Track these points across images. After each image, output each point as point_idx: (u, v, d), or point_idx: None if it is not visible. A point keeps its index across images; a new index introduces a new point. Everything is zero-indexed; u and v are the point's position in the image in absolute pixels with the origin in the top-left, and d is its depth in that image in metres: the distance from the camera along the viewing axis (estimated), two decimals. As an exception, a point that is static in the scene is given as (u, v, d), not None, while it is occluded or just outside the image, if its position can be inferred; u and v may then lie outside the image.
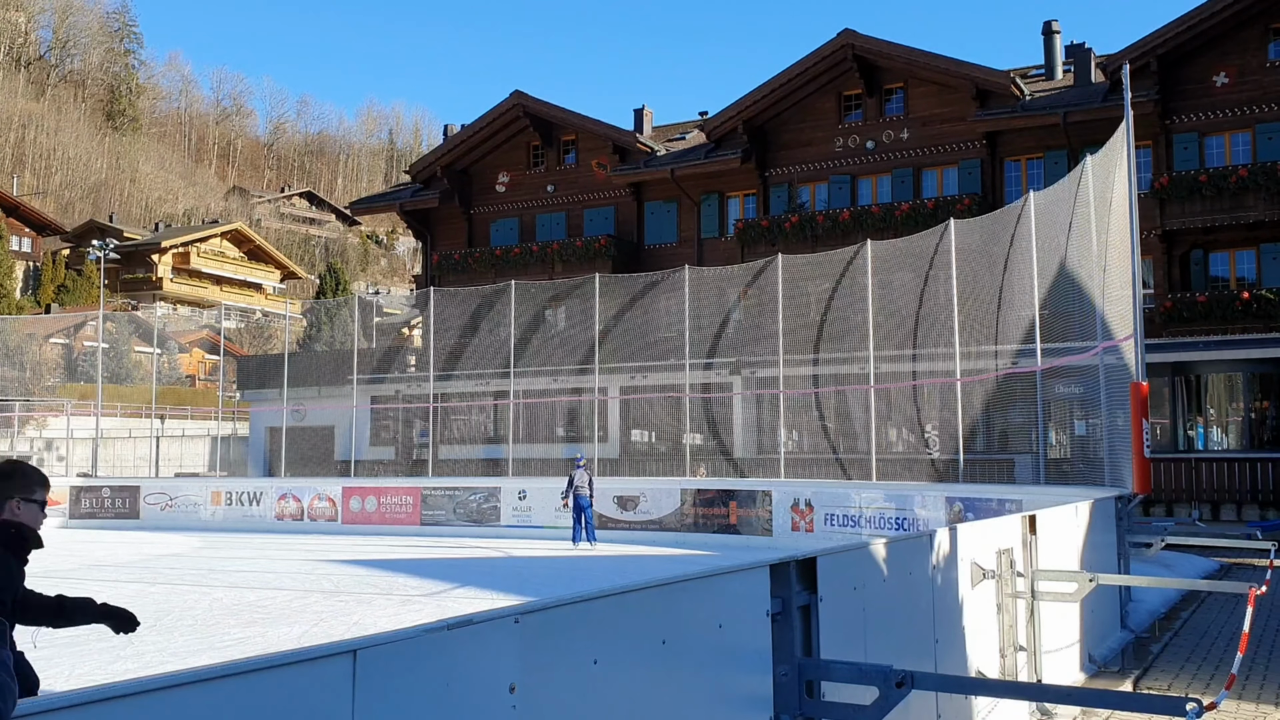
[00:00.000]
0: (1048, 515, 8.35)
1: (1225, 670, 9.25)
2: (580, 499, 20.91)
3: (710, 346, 28.97)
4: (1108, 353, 13.67)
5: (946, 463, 21.43)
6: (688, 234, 34.10)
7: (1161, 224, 26.04)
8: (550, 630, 2.81)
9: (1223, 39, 26.68)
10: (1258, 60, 26.47)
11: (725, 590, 3.81)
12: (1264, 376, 25.96)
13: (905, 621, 5.57)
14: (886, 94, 31.50)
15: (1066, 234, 15.91)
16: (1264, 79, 26.31)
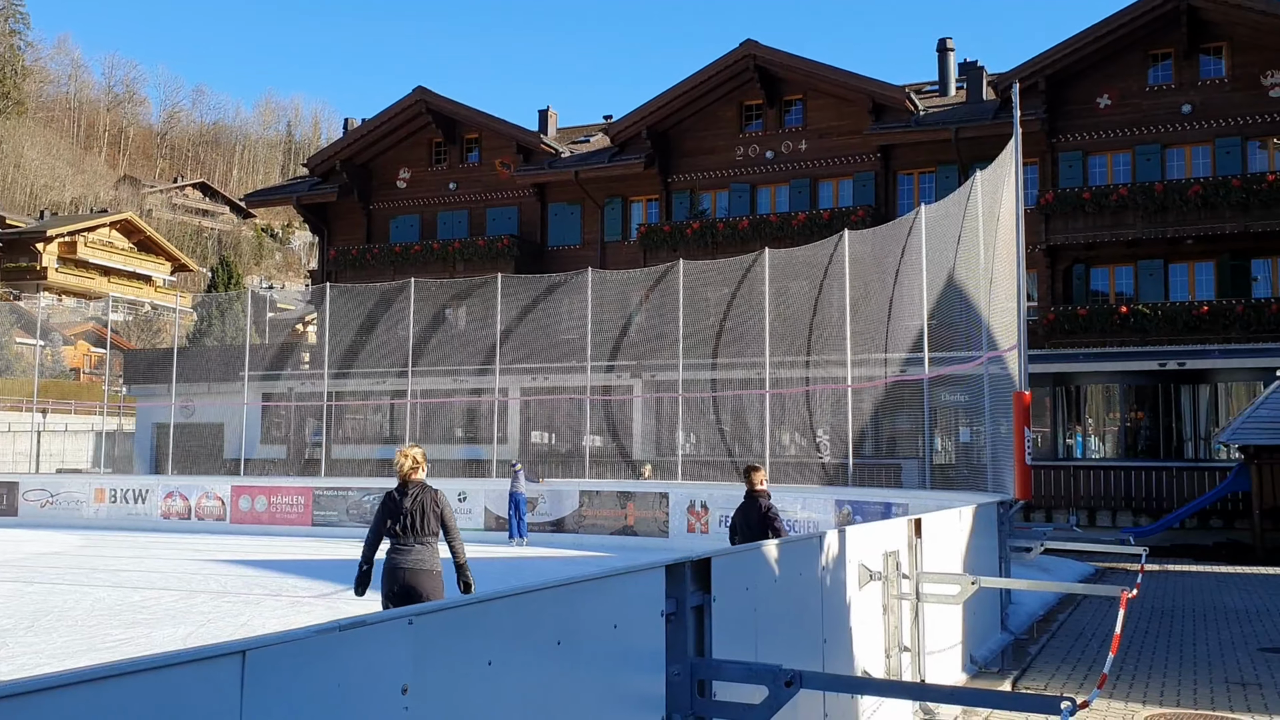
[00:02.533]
0: (933, 519, 8.58)
1: (1098, 670, 9.63)
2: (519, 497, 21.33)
3: (612, 349, 29.06)
4: (992, 362, 14.10)
5: (837, 466, 21.87)
6: (591, 236, 34.13)
7: (1046, 239, 26.99)
8: (444, 631, 2.82)
9: (1106, 62, 27.78)
10: (1138, 84, 27.63)
11: (621, 591, 3.85)
12: (1139, 388, 27.10)
13: (795, 621, 5.68)
14: (786, 105, 32.01)
15: (955, 247, 16.36)
16: (1143, 102, 27.48)
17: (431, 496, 7.70)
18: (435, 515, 7.66)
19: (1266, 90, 26.34)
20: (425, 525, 7.61)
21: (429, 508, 7.63)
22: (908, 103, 29.59)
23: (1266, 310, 24.81)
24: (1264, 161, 26.46)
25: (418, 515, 7.59)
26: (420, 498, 7.64)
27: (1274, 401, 21.10)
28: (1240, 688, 9.17)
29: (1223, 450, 24.98)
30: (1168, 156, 27.26)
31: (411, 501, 7.61)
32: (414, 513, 7.59)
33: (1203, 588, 16.34)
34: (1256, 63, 26.53)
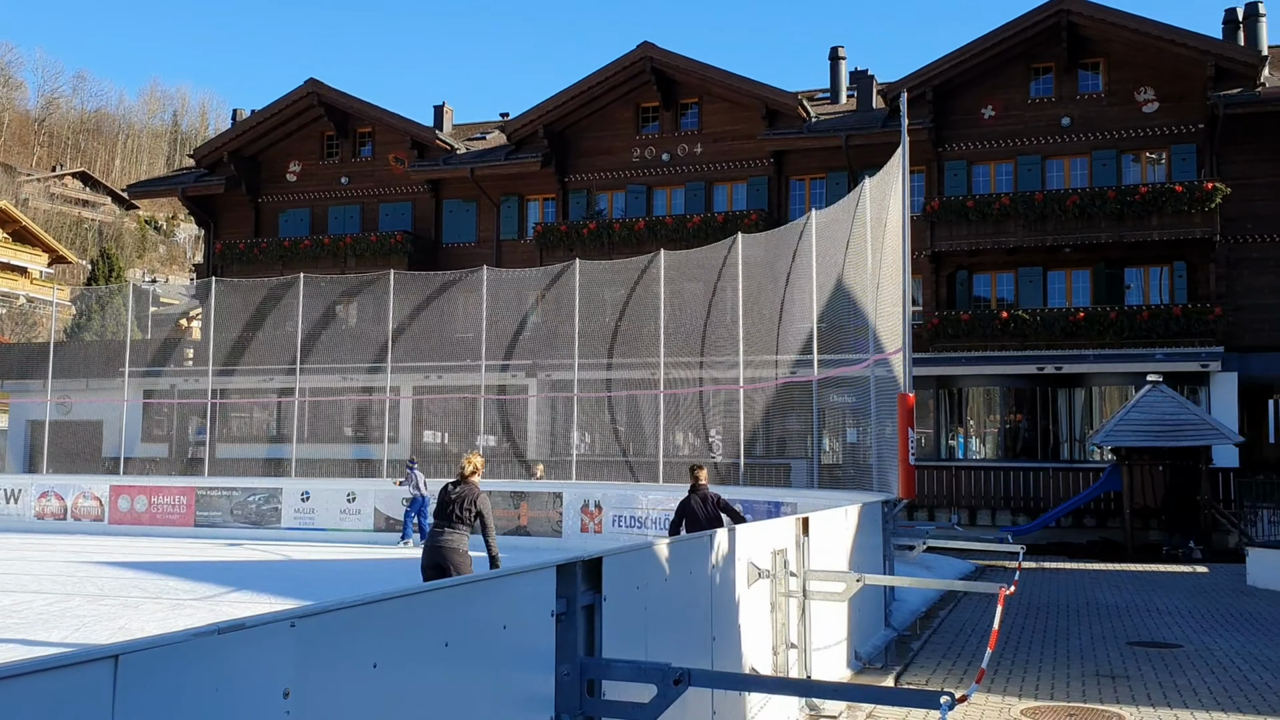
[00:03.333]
0: (820, 518, 8.75)
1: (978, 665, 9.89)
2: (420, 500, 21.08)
3: (507, 348, 28.90)
4: (879, 365, 14.41)
5: (728, 466, 22.12)
6: (487, 234, 33.88)
7: (931, 245, 27.73)
8: (328, 634, 2.79)
9: (991, 75, 28.67)
10: (1020, 96, 28.59)
11: (511, 591, 3.85)
12: (1018, 391, 28.06)
13: (685, 620, 5.73)
14: (682, 108, 32.25)
15: (844, 252, 16.68)
16: (1025, 114, 28.44)
17: (475, 495, 9.61)
18: (472, 510, 9.55)
19: (1140, 106, 27.51)
20: (463, 514, 9.52)
21: (469, 503, 9.55)
22: (800, 109, 30.09)
23: (1138, 317, 25.92)
24: (1137, 174, 27.63)
25: (458, 505, 9.53)
26: (466, 493, 9.58)
27: (1145, 405, 22.04)
28: (1110, 680, 9.57)
29: (1096, 452, 26.01)
30: (1048, 167, 28.28)
31: (458, 494, 9.57)
32: (456, 503, 9.54)
33: (1076, 584, 16.98)
34: (1131, 79, 27.69)
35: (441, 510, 9.63)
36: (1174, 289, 27.03)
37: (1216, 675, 9.74)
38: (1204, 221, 25.62)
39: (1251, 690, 9.12)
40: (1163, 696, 8.90)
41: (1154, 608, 14.18)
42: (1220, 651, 10.90)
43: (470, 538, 9.65)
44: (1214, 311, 25.40)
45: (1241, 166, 26.44)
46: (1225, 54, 26.43)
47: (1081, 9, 27.05)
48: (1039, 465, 26.12)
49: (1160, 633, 12.15)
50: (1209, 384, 25.81)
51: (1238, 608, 14.20)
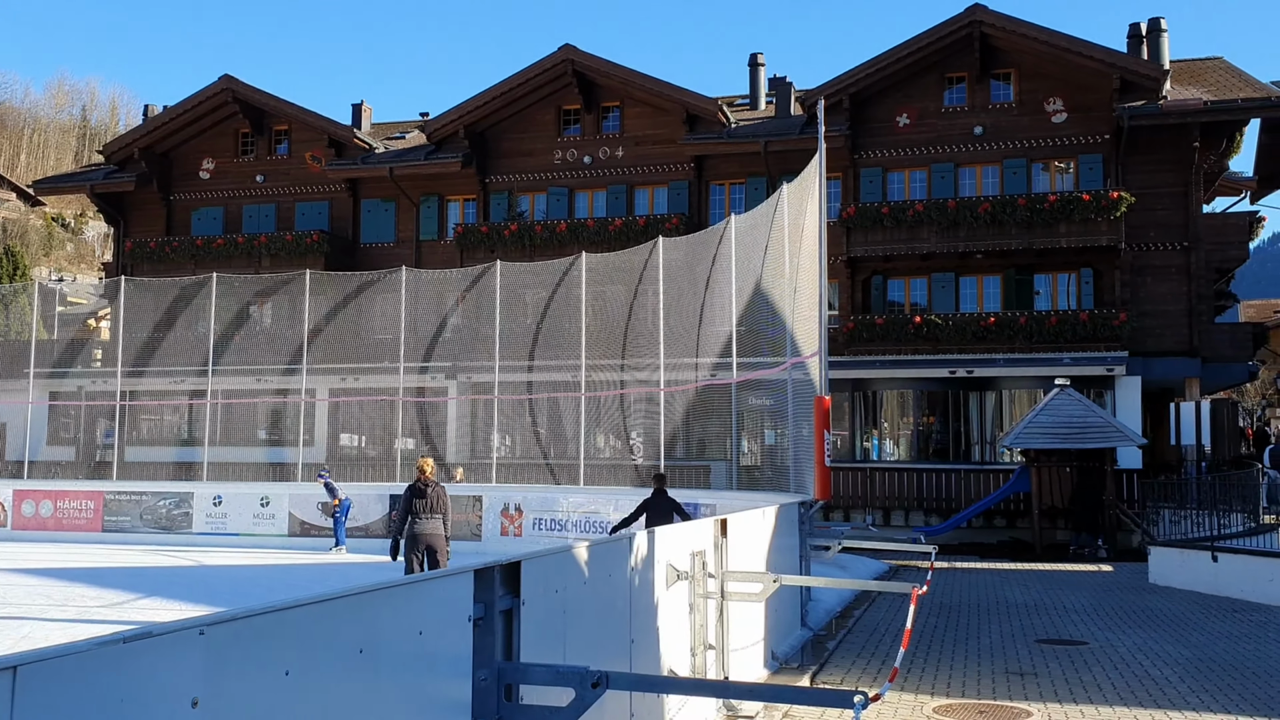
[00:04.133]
0: (738, 519, 8.83)
1: (891, 663, 10.09)
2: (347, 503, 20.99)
3: (426, 350, 28.61)
4: (796, 368, 14.59)
5: (649, 468, 22.20)
6: (406, 235, 33.53)
7: (848, 251, 28.14)
8: (239, 642, 2.75)
9: (906, 83, 29.21)
10: (935, 105, 29.18)
11: (427, 597, 3.83)
12: (931, 394, 28.63)
13: (604, 623, 5.75)
14: (604, 111, 32.28)
15: (763, 256, 16.86)
16: (939, 123, 29.03)
17: (443, 490, 12.59)
18: (444, 502, 12.49)
19: (1049, 116, 28.26)
20: (439, 506, 12.42)
21: (441, 496, 12.48)
22: (720, 115, 30.33)
23: (1046, 322, 26.62)
24: (1046, 183, 28.38)
25: (435, 500, 12.37)
26: (437, 489, 12.48)
27: (1053, 408, 22.64)
28: (1019, 677, 9.81)
29: (1006, 454, 26.64)
30: (960, 175, 28.91)
31: (432, 491, 12.38)
32: (433, 499, 12.35)
33: (987, 583, 17.37)
34: (1041, 90, 28.44)
35: (426, 505, 12.32)
36: (1081, 295, 27.82)
37: (1120, 671, 10.04)
38: (1110, 230, 26.42)
39: (1153, 685, 9.43)
40: (1069, 693, 9.16)
41: (1061, 606, 14.57)
42: (1124, 648, 11.24)
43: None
44: (1119, 317, 26.19)
45: (1145, 176, 27.32)
46: (1130, 67, 27.29)
47: (993, 20, 27.71)
48: (951, 467, 26.68)
49: (1067, 630, 12.49)
50: (1114, 388, 26.61)
51: (1140, 605, 14.66)
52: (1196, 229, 27.20)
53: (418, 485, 12.39)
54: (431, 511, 12.32)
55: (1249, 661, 10.51)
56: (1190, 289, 27.06)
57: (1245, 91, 27.72)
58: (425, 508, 12.29)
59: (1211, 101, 26.87)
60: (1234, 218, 29.64)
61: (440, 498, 12.40)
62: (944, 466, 26.71)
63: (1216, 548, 15.95)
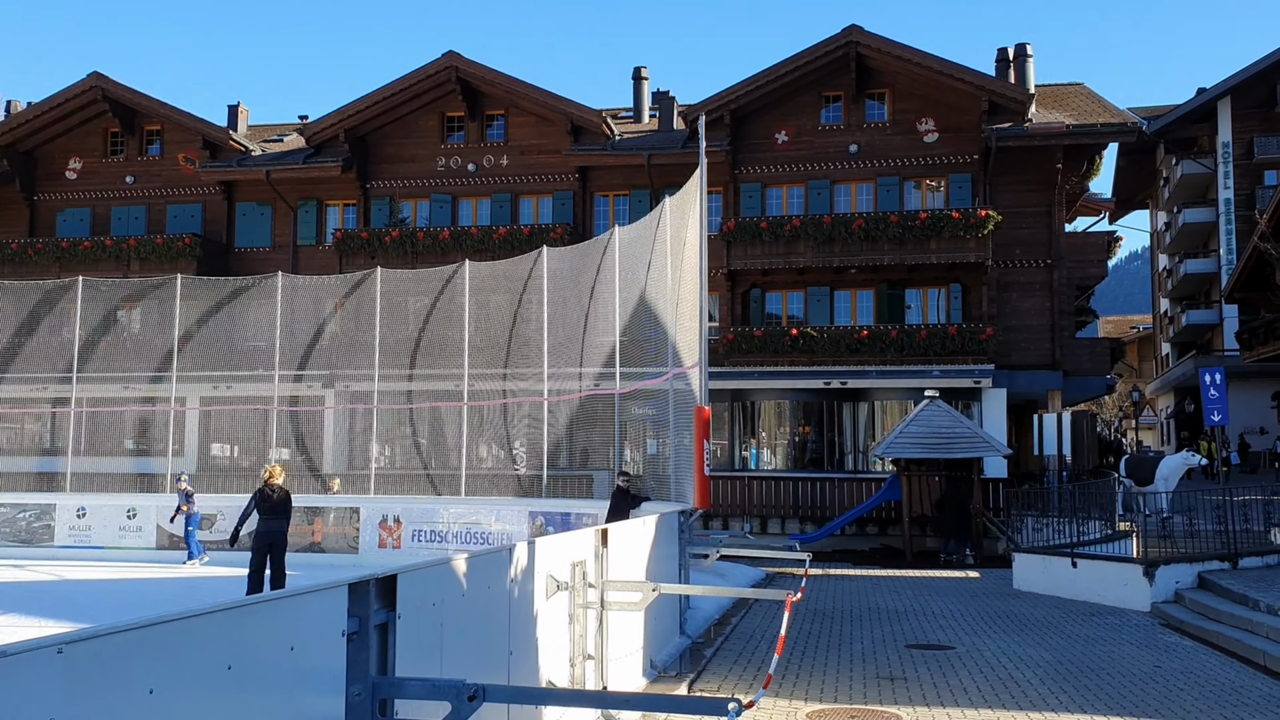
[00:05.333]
0: (619, 529, 8.90)
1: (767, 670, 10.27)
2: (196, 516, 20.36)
3: (302, 358, 27.93)
4: (677, 379, 14.75)
5: (532, 478, 22.14)
6: (283, 239, 32.79)
7: (728, 264, 28.60)
8: (100, 660, 2.68)
9: (784, 101, 29.85)
10: (812, 123, 29.89)
11: (299, 611, 3.77)
12: (807, 405, 29.26)
13: (482, 635, 5.73)
14: (489, 119, 32.14)
15: (646, 268, 17.01)
16: (816, 140, 29.75)
17: (286, 494, 14.36)
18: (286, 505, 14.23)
19: (921, 136, 29.22)
20: (280, 509, 14.08)
21: (284, 500, 14.20)
22: (605, 126, 30.50)
23: (917, 335, 27.47)
24: (918, 201, 29.33)
25: (277, 503, 14.03)
26: (280, 494, 14.16)
27: (923, 419, 23.36)
28: (890, 682, 10.10)
29: (878, 463, 27.38)
30: (836, 192, 29.67)
31: (276, 495, 14.05)
32: (276, 502, 14.02)
33: (860, 590, 17.80)
34: (914, 110, 29.38)
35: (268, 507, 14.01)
36: (950, 310, 28.81)
37: (985, 674, 10.41)
38: (978, 247, 27.42)
39: (1015, 688, 9.80)
40: (937, 696, 9.46)
41: (930, 611, 15.03)
42: (989, 652, 11.66)
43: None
44: (986, 331, 27.19)
45: (1011, 196, 28.45)
46: (998, 90, 28.41)
47: (869, 41, 28.53)
48: (826, 475, 27.30)
49: (936, 635, 12.89)
50: (980, 399, 27.61)
51: (1005, 610, 15.21)
52: (1059, 247, 28.45)
53: (264, 489, 14.14)
54: (272, 513, 14.00)
55: (1104, 663, 11.01)
56: (1053, 305, 28.27)
57: (1104, 117, 29.12)
58: (268, 509, 14.00)
59: (1073, 125, 28.16)
60: (1094, 237, 31.13)
61: (283, 502, 14.17)
62: (819, 475, 27.31)
63: (1076, 554, 16.65)
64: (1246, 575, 14.86)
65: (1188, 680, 10.13)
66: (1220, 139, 46.81)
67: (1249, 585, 13.80)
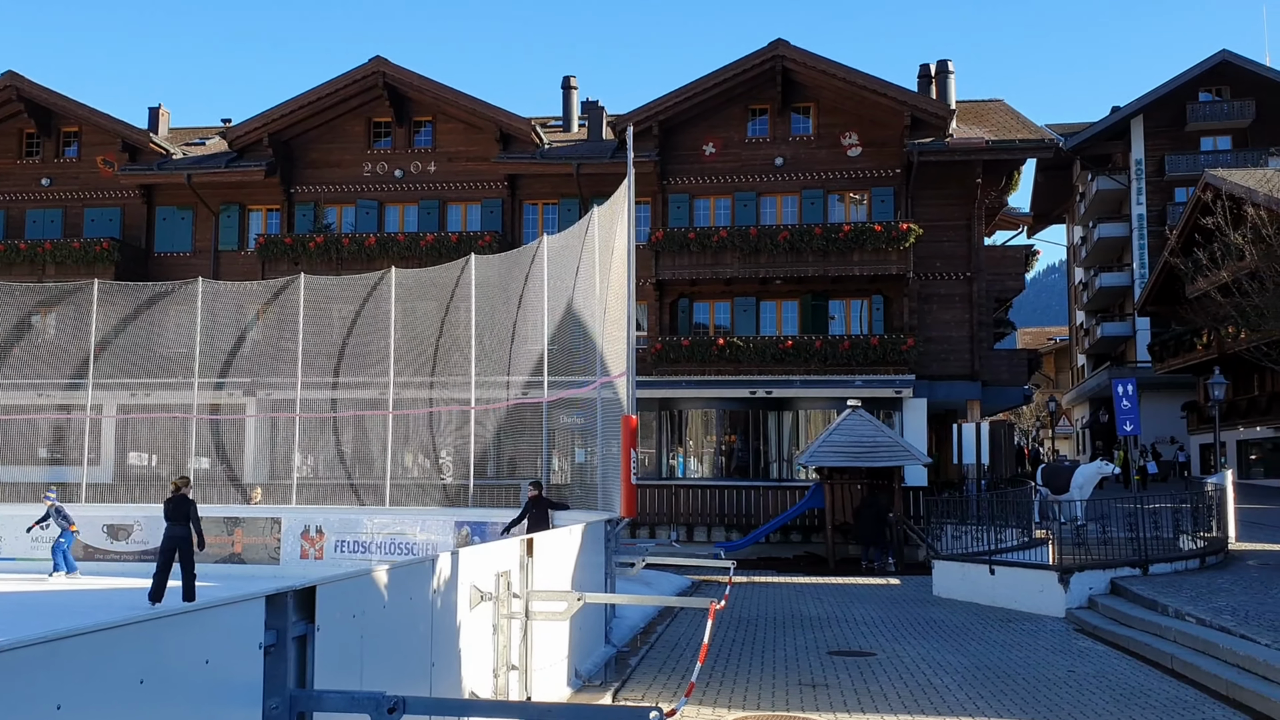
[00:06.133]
0: (544, 538, 8.90)
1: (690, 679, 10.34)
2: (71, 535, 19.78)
3: (223, 365, 27.43)
4: (605, 387, 14.81)
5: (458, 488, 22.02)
6: (204, 244, 32.22)
7: (656, 274, 28.75)
8: (4, 675, 2.63)
9: (712, 113, 30.12)
10: (739, 135, 30.20)
11: (215, 624, 3.74)
12: (733, 414, 29.52)
13: (404, 647, 5.70)
14: (416, 125, 31.94)
15: (575, 277, 17.05)
16: (743, 153, 30.07)
17: (191, 502, 15.74)
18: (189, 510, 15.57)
19: (845, 150, 29.68)
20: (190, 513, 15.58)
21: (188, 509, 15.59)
22: (534, 135, 30.49)
23: (840, 346, 27.88)
24: (842, 213, 29.78)
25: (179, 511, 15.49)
26: (185, 501, 15.61)
27: (845, 428, 23.69)
28: (812, 689, 10.22)
29: (802, 471, 27.70)
30: (762, 204, 30.02)
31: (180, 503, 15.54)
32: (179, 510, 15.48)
33: (784, 597, 17.98)
34: (838, 124, 29.84)
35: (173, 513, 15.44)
36: (872, 321, 29.29)
37: (904, 680, 10.59)
38: (899, 259, 27.92)
39: (934, 693, 9.99)
40: (857, 702, 9.61)
41: (852, 618, 15.24)
42: (909, 658, 11.86)
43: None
44: (907, 342, 27.68)
45: (932, 210, 29.03)
46: (920, 105, 28.97)
47: (795, 55, 28.91)
48: (751, 484, 27.54)
49: (857, 642, 13.08)
50: (902, 409, 28.10)
51: (925, 616, 15.48)
52: (978, 260, 29.08)
53: (169, 498, 15.66)
54: (172, 520, 15.42)
55: (1019, 668, 11.27)
56: (972, 317, 28.89)
57: (1023, 133, 29.84)
58: (171, 515, 15.47)
59: (993, 141, 28.83)
60: (1012, 250, 31.86)
61: (187, 510, 15.57)
62: (744, 484, 27.55)
63: (994, 561, 17.00)
64: (1156, 581, 15.31)
65: (1100, 684, 10.42)
66: (1134, 156, 48.32)
67: (1159, 591, 14.23)
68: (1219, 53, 46.49)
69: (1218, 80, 47.35)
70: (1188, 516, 18.27)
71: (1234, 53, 46.59)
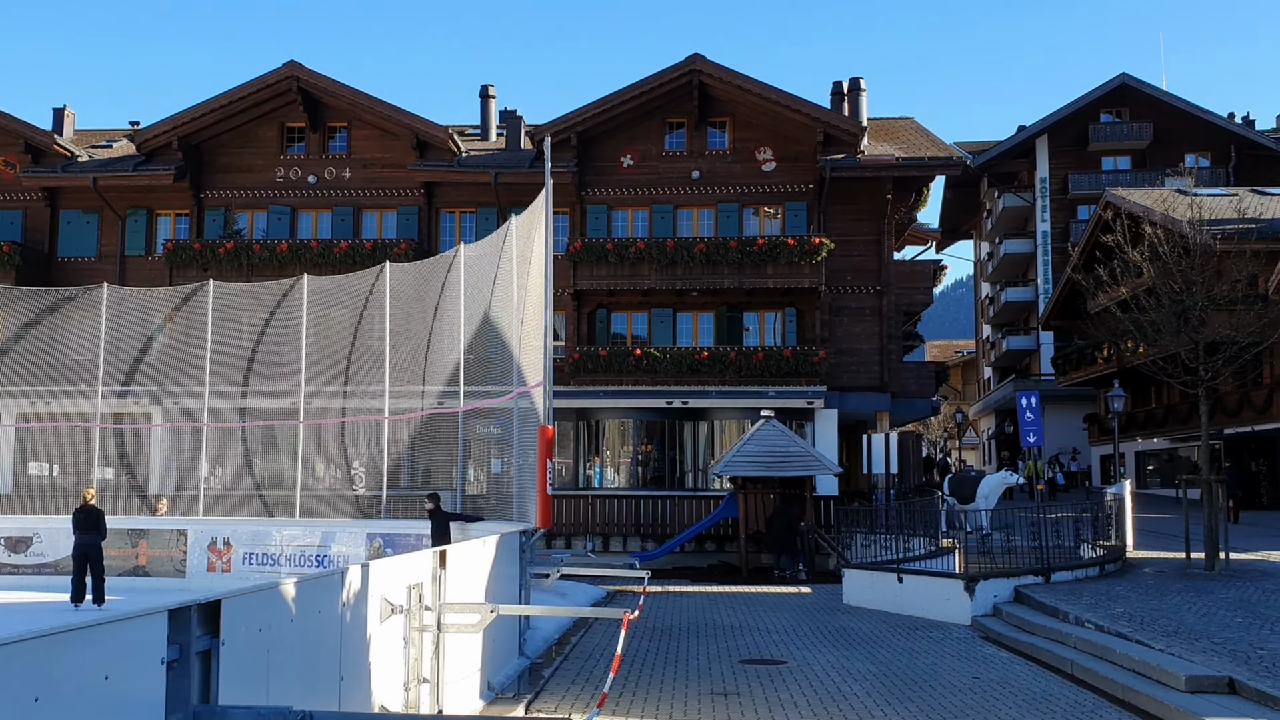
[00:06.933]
0: (458, 550, 8.86)
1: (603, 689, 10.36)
2: None
3: (128, 373, 26.73)
4: (522, 397, 14.78)
5: (371, 499, 21.74)
6: (109, 249, 31.41)
7: (574, 284, 28.80)
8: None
9: (630, 125, 30.31)
10: (656, 148, 30.43)
11: (115, 639, 3.68)
12: (649, 424, 29.67)
13: (312, 661, 5.65)
14: (331, 131, 31.54)
15: (492, 286, 17.00)
16: (660, 165, 30.30)
17: (99, 512, 16.30)
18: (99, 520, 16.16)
19: (760, 164, 30.08)
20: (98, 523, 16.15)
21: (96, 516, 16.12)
22: (451, 143, 30.33)
23: (754, 357, 28.22)
24: (756, 227, 30.17)
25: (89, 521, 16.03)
26: (94, 511, 16.20)
27: (759, 438, 23.96)
28: (723, 697, 10.31)
29: (717, 481, 27.94)
30: (679, 216, 30.28)
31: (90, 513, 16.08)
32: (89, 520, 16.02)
33: (697, 606, 18.10)
34: (753, 139, 30.23)
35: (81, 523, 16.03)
36: (785, 333, 29.72)
37: (814, 688, 10.74)
38: (812, 273, 28.38)
39: (843, 701, 10.15)
40: (768, 711, 9.72)
41: (764, 627, 15.41)
42: (819, 666, 12.03)
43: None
44: (819, 354, 28.13)
45: (844, 224, 29.56)
46: (832, 122, 29.49)
47: (711, 70, 29.24)
48: (667, 494, 27.71)
49: (769, 650, 13.23)
50: (814, 419, 28.54)
51: (834, 624, 15.72)
52: (888, 274, 29.69)
53: (79, 508, 16.33)
54: (81, 529, 15.99)
55: (926, 675, 11.51)
56: (882, 329, 29.46)
57: (932, 150, 30.56)
58: (81, 525, 16.03)
59: (903, 158, 29.48)
60: (921, 265, 32.59)
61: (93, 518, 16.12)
62: (660, 493, 27.70)
63: (902, 570, 17.33)
64: (1058, 589, 15.77)
65: (1003, 690, 10.69)
66: (1039, 174, 49.77)
67: (1060, 598, 14.65)
68: (1119, 76, 48.17)
69: (1118, 102, 49.03)
70: (1088, 526, 18.82)
71: (1133, 76, 48.32)
